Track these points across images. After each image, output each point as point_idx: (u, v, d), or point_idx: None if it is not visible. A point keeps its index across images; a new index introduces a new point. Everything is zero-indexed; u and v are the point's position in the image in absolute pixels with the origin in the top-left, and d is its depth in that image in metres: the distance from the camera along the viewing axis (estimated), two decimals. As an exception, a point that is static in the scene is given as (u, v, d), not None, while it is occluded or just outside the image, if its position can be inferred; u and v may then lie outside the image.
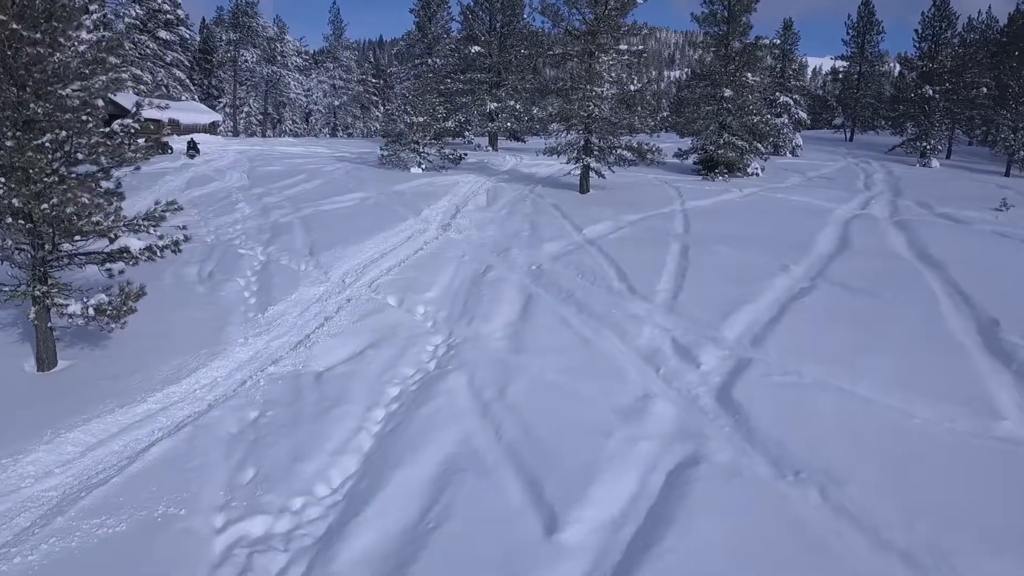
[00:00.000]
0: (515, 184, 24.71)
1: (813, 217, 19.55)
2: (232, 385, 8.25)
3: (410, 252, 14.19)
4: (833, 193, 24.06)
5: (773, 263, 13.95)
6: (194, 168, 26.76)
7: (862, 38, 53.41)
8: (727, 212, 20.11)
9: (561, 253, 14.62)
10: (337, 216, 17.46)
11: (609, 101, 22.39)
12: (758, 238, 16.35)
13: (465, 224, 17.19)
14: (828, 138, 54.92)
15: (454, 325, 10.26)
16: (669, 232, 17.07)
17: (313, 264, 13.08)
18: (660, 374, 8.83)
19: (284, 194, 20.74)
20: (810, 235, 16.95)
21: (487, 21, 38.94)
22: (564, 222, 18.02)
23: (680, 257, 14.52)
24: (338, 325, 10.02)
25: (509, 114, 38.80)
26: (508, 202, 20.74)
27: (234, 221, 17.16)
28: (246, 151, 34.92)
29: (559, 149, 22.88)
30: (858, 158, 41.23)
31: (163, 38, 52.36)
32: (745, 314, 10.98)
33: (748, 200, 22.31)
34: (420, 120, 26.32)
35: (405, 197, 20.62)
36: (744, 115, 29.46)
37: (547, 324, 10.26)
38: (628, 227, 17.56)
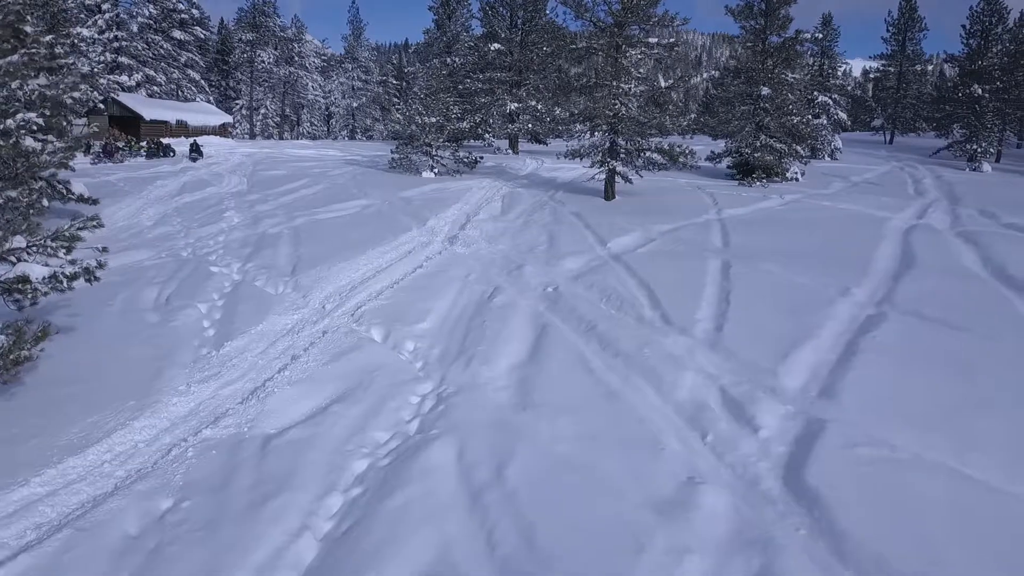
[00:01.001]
0: (534, 190, 22.76)
1: (867, 228, 17.41)
2: (153, 455, 6.38)
3: (408, 270, 12.28)
4: (884, 200, 21.81)
5: (830, 285, 11.88)
6: (193, 172, 25.16)
7: (903, 35, 50.72)
8: (769, 222, 17.99)
9: (582, 271, 12.65)
10: (332, 227, 15.63)
11: (637, 99, 20.37)
12: (808, 253, 14.26)
13: (475, 236, 15.27)
14: (866, 140, 52.29)
15: (448, 368, 8.32)
16: (706, 246, 15.01)
17: (292, 286, 11.22)
18: (708, 442, 6.82)
19: (280, 201, 18.99)
20: (867, 250, 14.83)
21: (508, 17, 37.06)
22: (586, 233, 16.04)
23: (721, 277, 12.47)
24: (304, 368, 8.12)
25: (530, 115, 36.88)
26: (524, 210, 18.80)
27: (218, 232, 15.41)
28: (253, 154, 33.36)
29: (582, 152, 20.90)
30: (901, 162, 38.79)
31: (177, 38, 51.16)
32: (807, 353, 8.93)
33: (791, 208, 20.16)
34: (432, 121, 24.46)
35: (411, 205, 18.76)
36: (783, 115, 27.25)
37: (562, 368, 8.29)
38: (659, 239, 15.53)
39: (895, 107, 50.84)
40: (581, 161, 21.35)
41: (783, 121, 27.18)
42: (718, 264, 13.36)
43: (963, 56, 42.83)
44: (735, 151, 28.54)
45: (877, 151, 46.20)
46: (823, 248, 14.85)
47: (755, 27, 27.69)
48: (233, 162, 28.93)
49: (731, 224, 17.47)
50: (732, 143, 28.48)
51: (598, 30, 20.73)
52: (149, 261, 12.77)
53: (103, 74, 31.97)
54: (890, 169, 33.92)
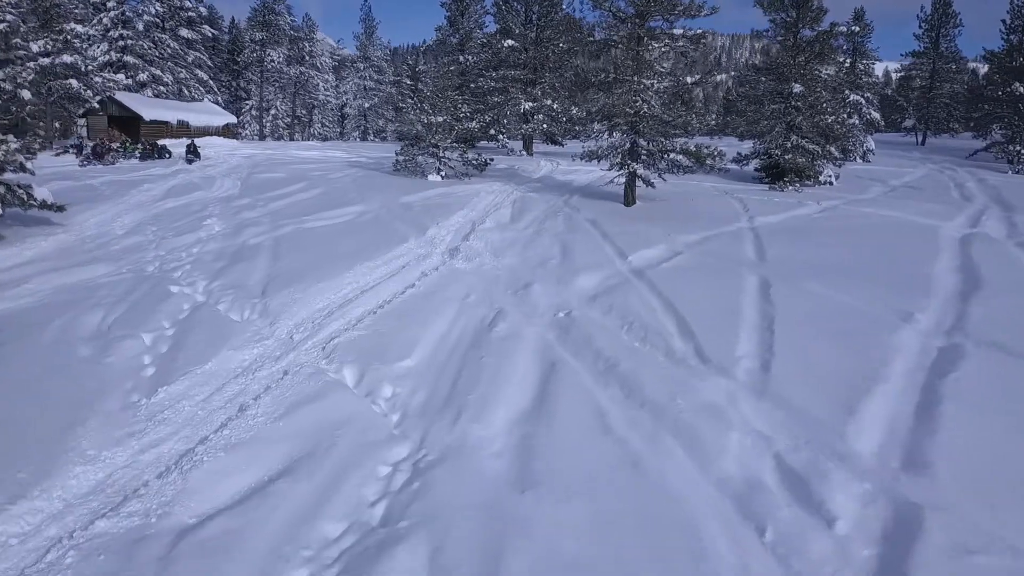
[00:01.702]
0: (547, 194, 21.07)
1: (917, 238, 15.61)
2: (22, 559, 4.77)
3: (397, 290, 10.64)
4: (929, 207, 19.90)
5: (888, 308, 10.13)
6: (185, 175, 23.71)
7: (936, 32, 48.51)
8: (807, 231, 16.18)
9: (600, 290, 10.95)
10: (320, 237, 14.04)
11: (660, 96, 18.63)
12: (856, 269, 12.49)
13: (479, 248, 13.61)
14: (897, 141, 50.10)
15: (432, 423, 6.66)
16: (739, 259, 13.26)
17: (260, 310, 9.60)
18: (766, 542, 5.12)
19: (270, 207, 17.44)
20: (923, 264, 13.05)
21: (522, 13, 35.39)
22: (604, 244, 14.34)
23: (760, 298, 10.73)
24: (251, 424, 6.49)
25: (545, 115, 35.20)
26: (536, 217, 17.12)
27: (193, 242, 13.86)
28: (254, 155, 31.95)
29: (600, 153, 19.19)
30: (938, 164, 36.73)
31: (185, 37, 49.98)
32: (877, 403, 7.20)
33: (829, 216, 18.32)
34: (440, 120, 22.83)
35: (412, 211, 17.15)
36: (816, 114, 25.37)
37: (574, 423, 6.61)
38: (686, 252, 13.78)
39: (927, 107, 48.61)
40: (599, 163, 19.64)
41: (816, 120, 25.31)
42: (755, 282, 11.62)
43: (1003, 52, 40.60)
44: (764, 153, 26.73)
45: (910, 153, 44.06)
46: (873, 263, 13.07)
47: (786, 20, 25.85)
48: (231, 164, 27.49)
49: (765, 234, 15.69)
50: (760, 144, 26.66)
51: (618, 21, 19.03)
52: (106, 277, 11.22)
53: (98, 72, 30.70)
54: (928, 172, 31.93)
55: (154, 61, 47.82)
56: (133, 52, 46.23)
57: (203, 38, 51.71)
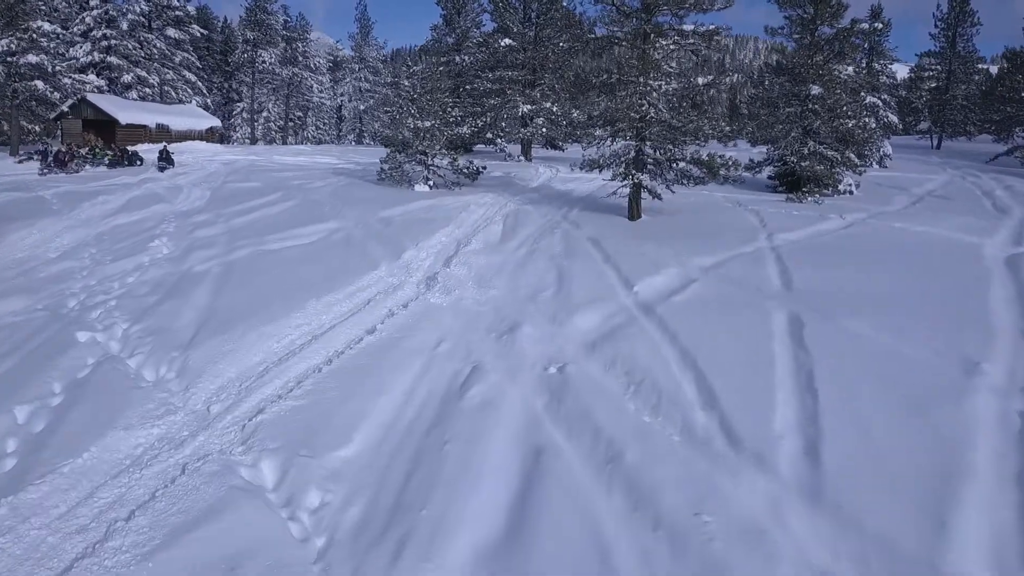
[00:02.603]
0: (544, 207, 19.20)
1: (959, 259, 13.76)
2: None
3: (355, 336, 8.77)
4: (964, 220, 17.98)
5: (948, 356, 8.33)
6: (151, 184, 21.85)
7: (953, 32, 46.53)
8: (835, 252, 14.25)
9: (601, 334, 9.09)
10: (278, 262, 12.18)
11: (668, 99, 16.77)
12: (898, 300, 10.64)
13: (461, 276, 11.74)
14: (913, 145, 48.13)
15: (364, 559, 4.80)
16: (763, 288, 11.39)
17: (179, 367, 7.74)
18: None
19: (232, 223, 15.58)
20: (973, 293, 11.22)
21: (520, 10, 33.50)
22: (607, 269, 12.47)
23: (793, 343, 8.87)
24: (107, 567, 4.64)
25: (545, 118, 33.31)
26: (530, 235, 15.25)
27: (132, 269, 12.01)
28: (235, 161, 30.09)
29: (601, 162, 17.32)
30: (959, 169, 34.85)
31: (172, 37, 48.18)
32: (972, 514, 5.39)
33: (856, 232, 16.38)
34: (427, 125, 20.94)
35: (390, 228, 15.29)
36: (835, 118, 23.46)
37: (563, 561, 4.75)
38: (701, 279, 11.89)
39: (943, 109, 46.61)
40: (600, 173, 17.77)
41: (836, 125, 23.41)
42: (784, 320, 9.76)
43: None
44: (778, 159, 24.84)
45: (927, 157, 42.13)
46: (917, 292, 11.19)
47: (802, 16, 23.95)
48: (206, 172, 25.63)
49: (788, 254, 13.80)
50: (775, 150, 24.77)
51: (622, 15, 17.15)
52: (13, 316, 9.38)
53: (68, 73, 28.93)
54: (951, 179, 30.04)
55: (139, 62, 46.02)
56: (117, 52, 44.45)
57: (192, 38, 49.85)
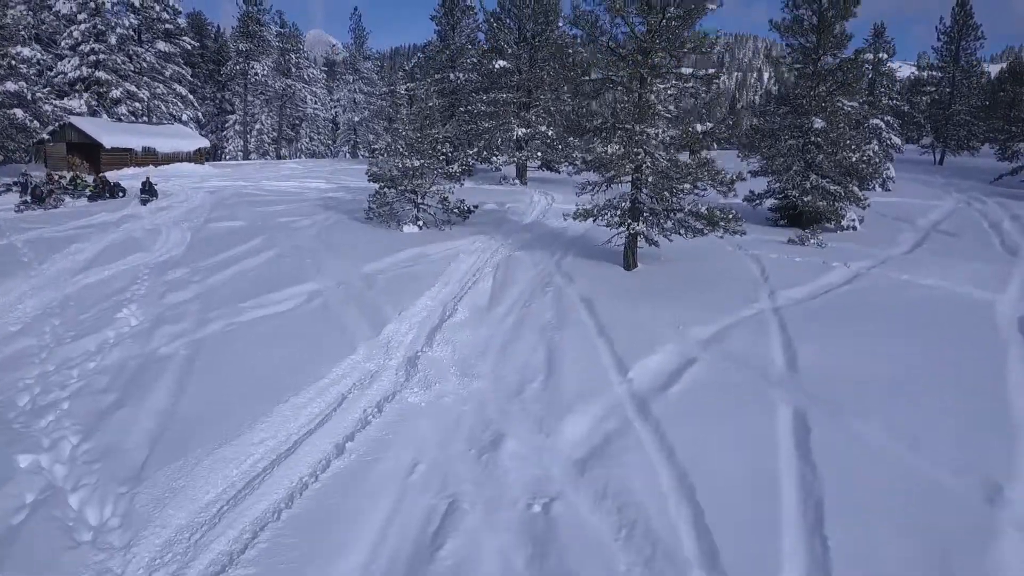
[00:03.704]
0: (537, 252, 18.48)
1: (971, 323, 13.08)
2: None
3: (323, 457, 8.01)
4: (972, 268, 17.22)
5: (966, 475, 7.68)
6: (131, 223, 21.07)
7: (956, 45, 45.79)
8: (839, 316, 13.45)
9: (591, 448, 8.35)
10: (250, 342, 11.43)
11: (667, 147, 16.03)
12: (908, 386, 9.93)
13: (444, 359, 11.01)
14: (915, 160, 47.43)
15: None
16: (766, 371, 10.64)
17: (124, 509, 6.99)
18: None
19: (209, 282, 14.84)
20: (988, 374, 10.57)
21: (515, 30, 32.72)
22: (600, 345, 11.73)
23: (799, 458, 8.18)
24: None
25: (541, 140, 32.59)
26: (521, 295, 14.52)
27: (95, 349, 11.27)
28: (222, 189, 29.28)
29: (595, 212, 16.59)
30: (964, 192, 34.20)
31: (162, 50, 47.37)
32: None
33: (861, 288, 15.57)
34: (417, 165, 20.20)
35: (373, 288, 14.54)
36: (838, 151, 22.76)
37: None
38: (700, 357, 11.15)
39: (946, 124, 45.89)
40: (595, 221, 17.03)
41: (839, 158, 22.70)
42: (789, 420, 9.08)
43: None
44: (780, 192, 24.14)
45: (931, 175, 41.45)
46: (927, 373, 10.48)
47: (804, 45, 23.22)
48: (190, 205, 24.85)
49: (792, 320, 13.07)
50: (776, 183, 24.07)
51: (617, 57, 16.40)
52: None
53: (49, 99, 28.14)
54: (956, 206, 29.36)
55: (128, 76, 45.20)
56: (106, 67, 43.62)
57: (182, 51, 49.00)
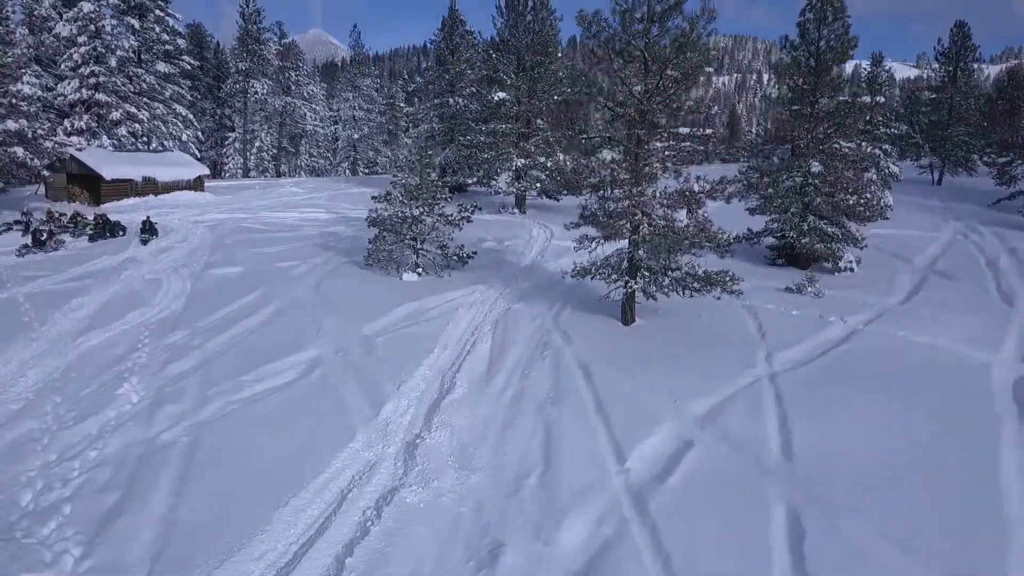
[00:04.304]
0: (535, 303, 18.60)
1: (966, 393, 13.18)
2: None
3: (322, 574, 8.11)
4: (968, 323, 17.32)
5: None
6: (130, 271, 21.12)
7: (954, 66, 45.88)
8: (836, 385, 13.44)
9: (588, 559, 8.46)
10: (251, 426, 11.48)
11: (663, 205, 16.12)
12: (903, 476, 10.09)
13: (442, 446, 11.09)
14: (914, 180, 47.44)
15: None
16: (761, 458, 10.71)
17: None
18: None
19: (207, 347, 14.94)
20: (982, 458, 10.76)
21: (514, 61, 32.77)
22: (597, 424, 11.83)
23: (792, 566, 8.30)
24: None
25: (540, 170, 32.68)
26: (519, 361, 14.60)
27: (97, 434, 11.34)
28: (220, 224, 29.36)
29: (592, 270, 16.69)
30: (962, 220, 34.28)
31: (162, 71, 47.46)
32: None
33: (858, 350, 15.59)
34: (417, 213, 20.34)
35: (373, 354, 14.65)
36: (837, 192, 22.87)
37: None
38: (696, 440, 11.25)
39: (944, 144, 45.96)
40: (591, 278, 17.12)
41: (836, 200, 22.81)
42: (783, 520, 9.19)
43: None
44: (777, 232, 24.24)
45: (929, 198, 41.50)
46: (922, 457, 10.64)
47: (802, 87, 23.32)
48: (188, 246, 24.94)
49: (788, 389, 13.19)
50: (773, 222, 24.18)
51: (614, 116, 16.51)
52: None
53: (49, 136, 28.20)
54: (953, 237, 29.48)
55: (128, 97, 45.28)
56: (105, 89, 43.71)
57: (181, 71, 49.07)
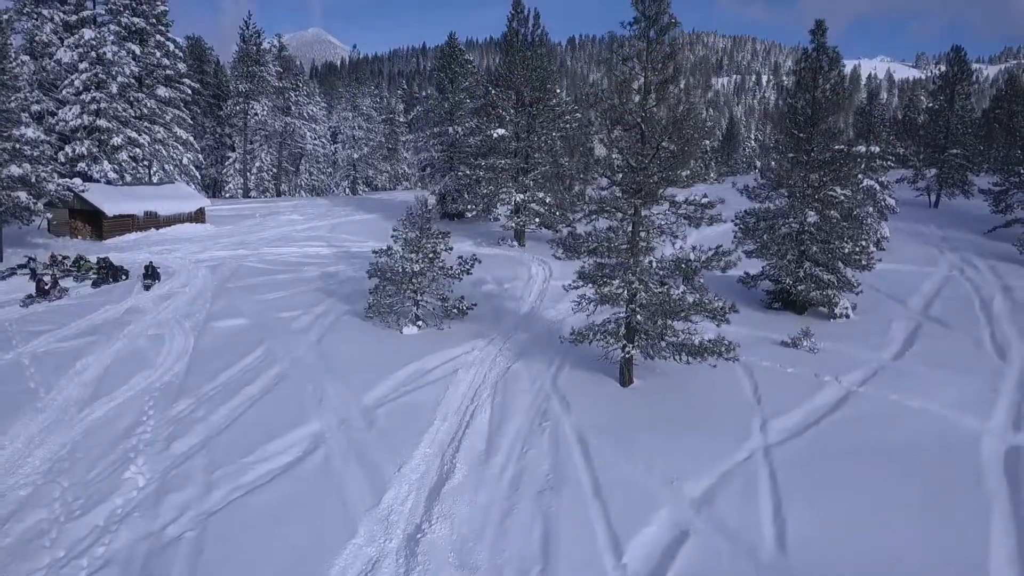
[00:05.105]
0: (534, 362, 18.85)
1: (957, 467, 13.52)
2: None
3: None
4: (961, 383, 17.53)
5: None
6: (133, 325, 21.35)
7: (951, 89, 46.20)
8: (829, 462, 13.68)
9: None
10: (254, 522, 11.68)
11: (660, 277, 16.38)
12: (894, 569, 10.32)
13: (442, 542, 11.28)
14: (911, 202, 47.66)
15: None
16: (756, 552, 10.96)
17: None
18: None
19: (211, 420, 15.16)
20: (973, 542, 11.10)
21: (513, 97, 33.02)
22: (595, 512, 12.05)
23: None
24: None
25: (539, 204, 32.93)
26: (518, 435, 14.83)
27: (103, 528, 11.55)
28: (221, 264, 29.62)
29: (589, 335, 16.92)
30: (957, 251, 34.60)
31: (163, 96, 47.72)
32: None
33: (851, 418, 15.77)
34: (418, 268, 20.63)
35: (374, 428, 14.89)
36: (832, 240, 23.14)
37: None
38: (691, 528, 11.51)
39: (942, 167, 46.27)
40: (588, 343, 17.35)
41: (832, 248, 23.07)
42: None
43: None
44: (774, 276, 24.49)
45: (926, 224, 41.81)
46: (914, 545, 10.92)
47: (798, 136, 23.57)
48: (191, 292, 25.18)
49: (782, 467, 13.46)
50: (770, 267, 24.42)
51: (612, 183, 16.76)
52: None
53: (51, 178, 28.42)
54: (949, 273, 29.75)
55: (129, 122, 45.53)
56: (106, 115, 43.96)
57: (181, 95, 49.33)
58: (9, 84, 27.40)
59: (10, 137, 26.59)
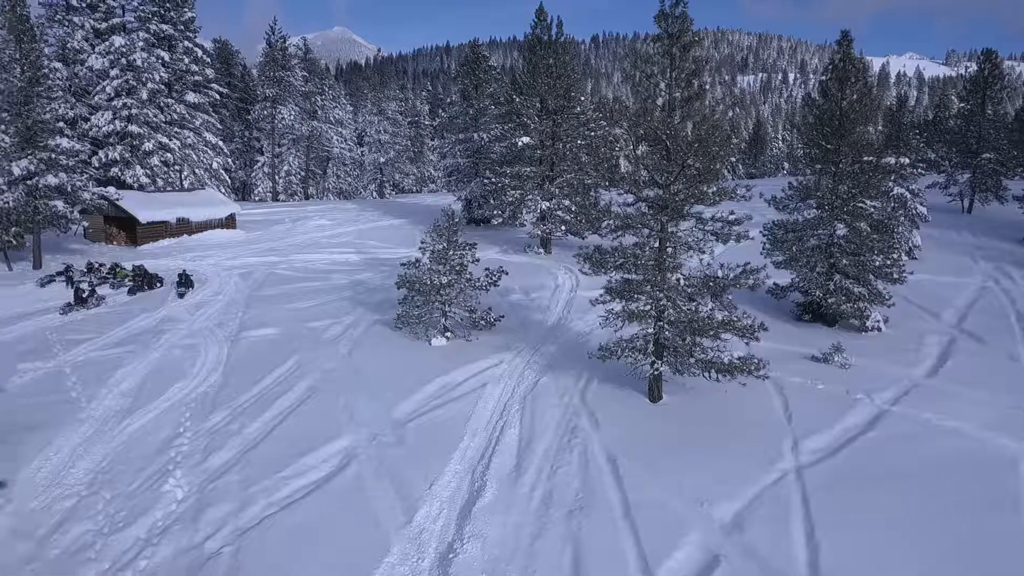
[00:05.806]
0: (562, 375, 18.90)
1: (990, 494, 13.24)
2: None
3: None
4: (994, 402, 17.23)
5: None
6: (169, 334, 21.80)
7: (983, 93, 45.46)
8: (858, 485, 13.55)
9: None
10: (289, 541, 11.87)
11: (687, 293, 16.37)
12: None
13: (475, 562, 11.43)
14: (943, 207, 46.90)
15: None
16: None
17: None
18: None
19: (246, 433, 15.46)
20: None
21: (537, 105, 33.09)
22: (624, 534, 12.09)
23: None
24: None
25: (565, 211, 32.99)
26: (547, 453, 14.91)
27: (144, 541, 11.80)
28: (252, 271, 30.02)
29: (617, 352, 16.93)
30: (992, 261, 33.92)
31: (192, 102, 48.43)
32: None
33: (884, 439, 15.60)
34: (445, 281, 20.82)
35: (404, 445, 15.06)
36: (863, 253, 22.92)
37: None
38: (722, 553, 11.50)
39: (975, 172, 45.57)
40: (617, 359, 17.35)
41: (863, 260, 22.86)
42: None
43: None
44: (803, 288, 24.32)
45: (959, 232, 41.10)
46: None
47: (826, 148, 23.36)
48: (224, 299, 25.61)
49: (813, 491, 13.35)
50: (800, 280, 24.25)
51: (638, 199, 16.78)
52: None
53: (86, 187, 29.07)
54: (983, 285, 29.22)
55: (160, 127, 46.29)
56: (138, 121, 44.72)
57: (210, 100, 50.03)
58: (44, 95, 28.07)
59: (46, 147, 27.26)
